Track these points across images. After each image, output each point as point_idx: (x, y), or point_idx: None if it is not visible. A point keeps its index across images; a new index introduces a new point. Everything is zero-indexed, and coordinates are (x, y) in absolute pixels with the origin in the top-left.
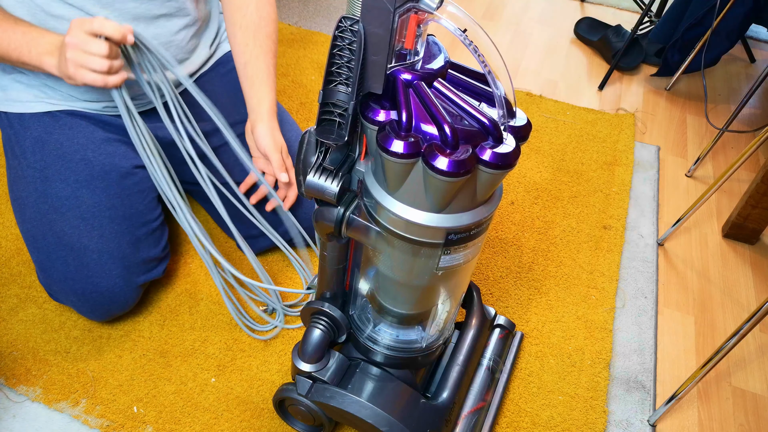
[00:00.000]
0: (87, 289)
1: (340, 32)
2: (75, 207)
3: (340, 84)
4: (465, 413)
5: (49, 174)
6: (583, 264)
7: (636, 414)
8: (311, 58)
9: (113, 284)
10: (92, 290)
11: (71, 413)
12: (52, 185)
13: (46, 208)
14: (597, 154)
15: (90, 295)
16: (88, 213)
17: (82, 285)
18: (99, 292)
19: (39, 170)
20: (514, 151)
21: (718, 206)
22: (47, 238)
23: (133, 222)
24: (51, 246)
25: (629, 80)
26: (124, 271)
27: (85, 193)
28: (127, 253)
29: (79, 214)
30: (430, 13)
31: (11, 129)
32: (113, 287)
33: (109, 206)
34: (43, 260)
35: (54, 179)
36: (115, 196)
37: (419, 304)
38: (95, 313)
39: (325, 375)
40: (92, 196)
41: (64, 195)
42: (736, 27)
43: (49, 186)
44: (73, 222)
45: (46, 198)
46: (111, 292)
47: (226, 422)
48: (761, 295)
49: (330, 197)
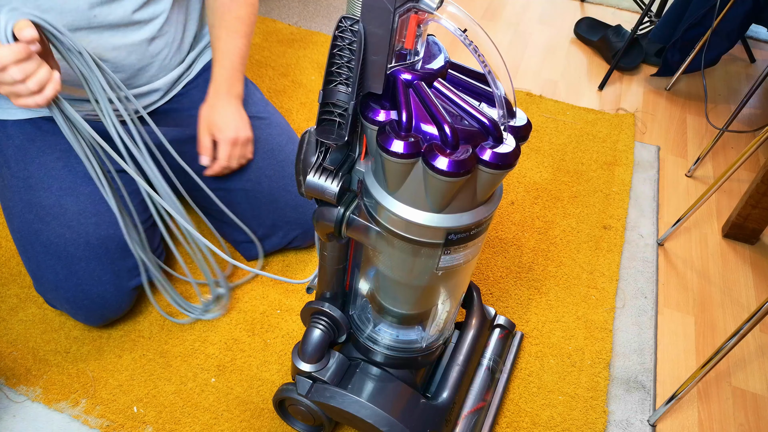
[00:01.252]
0: (78, 296)
1: (340, 32)
2: (59, 215)
3: (340, 84)
4: (465, 413)
5: (32, 183)
6: (583, 264)
7: (636, 414)
8: (311, 58)
9: (104, 290)
10: (83, 297)
11: (71, 413)
12: (36, 194)
13: (32, 217)
14: (597, 154)
15: (82, 303)
16: (73, 221)
17: (73, 293)
18: (90, 299)
19: (23, 179)
20: (514, 151)
21: (718, 206)
22: (35, 248)
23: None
24: (40, 255)
25: (629, 80)
26: (113, 276)
27: (69, 201)
28: (116, 258)
29: (65, 222)
30: (430, 13)
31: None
32: (104, 293)
33: (94, 213)
34: (34, 269)
35: (37, 188)
36: (100, 202)
37: (419, 304)
38: (90, 319)
39: (325, 375)
40: (76, 203)
41: (49, 204)
42: (736, 27)
43: (34, 195)
44: (58, 231)
45: (31, 207)
46: (102, 298)
47: (226, 422)
48: (761, 295)
49: (330, 197)
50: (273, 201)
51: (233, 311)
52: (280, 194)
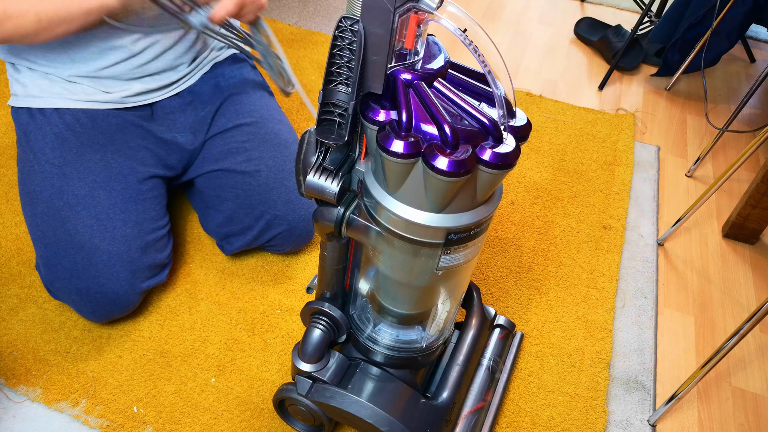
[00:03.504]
0: (92, 289)
1: (340, 32)
2: (91, 206)
3: (340, 84)
4: (465, 413)
5: (67, 171)
6: (583, 264)
7: (636, 414)
8: (311, 58)
9: (118, 287)
10: (97, 291)
11: (71, 413)
12: (70, 182)
13: (61, 204)
14: (597, 154)
15: (94, 296)
16: (102, 214)
17: (87, 284)
18: (103, 293)
19: (57, 166)
20: (514, 151)
21: (718, 206)
22: (57, 235)
23: (144, 227)
24: (60, 242)
25: (629, 80)
26: (130, 275)
27: (102, 194)
28: (135, 257)
29: (94, 214)
30: (430, 13)
31: (33, 124)
32: (118, 290)
33: (123, 209)
34: (49, 256)
35: (72, 177)
36: (130, 200)
37: (419, 304)
38: (96, 314)
39: (325, 375)
40: (108, 197)
41: (81, 194)
42: (736, 27)
43: (67, 183)
44: (87, 221)
45: (62, 194)
46: (116, 294)
47: (226, 422)
48: (761, 295)
49: (330, 197)
50: (267, 191)
51: (233, 311)
52: (275, 186)
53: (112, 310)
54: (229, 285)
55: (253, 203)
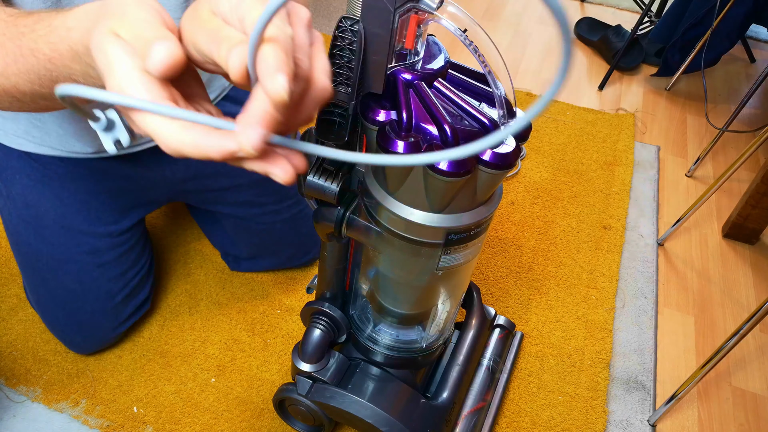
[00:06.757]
0: (76, 340)
1: (340, 32)
2: (73, 272)
3: (340, 84)
4: (465, 413)
5: (45, 234)
6: (583, 264)
7: (636, 414)
8: None
9: (104, 335)
10: (81, 340)
11: (71, 413)
12: (47, 246)
13: (41, 265)
14: (597, 154)
15: (78, 343)
16: (86, 276)
17: (71, 336)
18: (89, 340)
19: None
20: (514, 151)
21: (718, 206)
22: (39, 290)
23: (127, 276)
24: (42, 298)
25: (629, 80)
26: (115, 323)
27: (85, 258)
28: (120, 308)
29: (77, 278)
30: (431, 13)
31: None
32: (103, 337)
33: (106, 268)
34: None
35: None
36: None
37: (419, 304)
38: (77, 351)
39: (325, 375)
40: (92, 258)
41: (62, 258)
42: (736, 27)
43: (44, 245)
44: (69, 286)
45: (39, 257)
46: (101, 341)
47: (226, 422)
48: (761, 295)
49: (330, 197)
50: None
51: (233, 311)
52: (287, 234)
53: (95, 349)
54: (228, 285)
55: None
